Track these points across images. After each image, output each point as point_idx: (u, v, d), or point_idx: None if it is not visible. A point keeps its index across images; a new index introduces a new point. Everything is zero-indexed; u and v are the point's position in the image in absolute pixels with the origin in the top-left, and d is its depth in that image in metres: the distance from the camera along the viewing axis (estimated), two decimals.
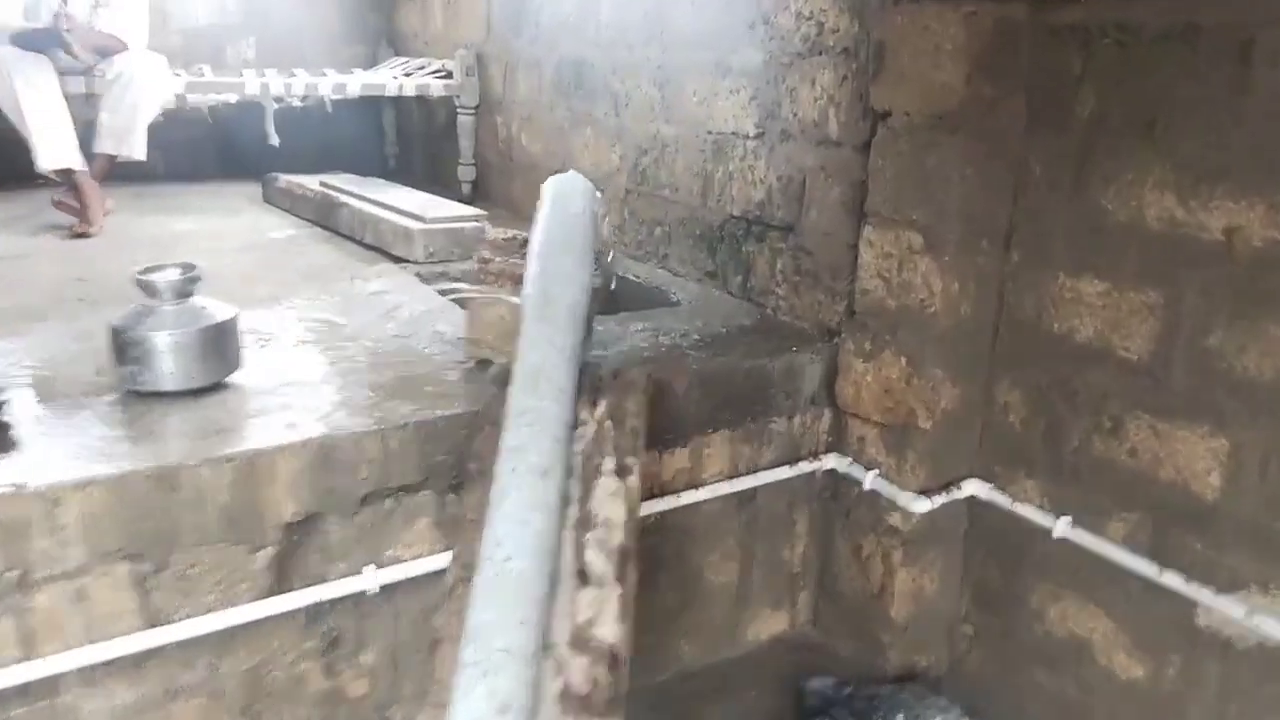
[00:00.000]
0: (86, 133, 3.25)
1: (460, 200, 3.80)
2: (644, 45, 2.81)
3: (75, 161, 3.14)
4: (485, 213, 3.10)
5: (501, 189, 3.86)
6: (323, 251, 3.03)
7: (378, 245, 3.00)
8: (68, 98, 3.17)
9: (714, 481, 2.11)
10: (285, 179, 3.74)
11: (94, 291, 2.42)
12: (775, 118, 2.34)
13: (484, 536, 1.38)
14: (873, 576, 2.18)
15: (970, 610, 2.18)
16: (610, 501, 1.58)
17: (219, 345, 1.78)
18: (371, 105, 4.68)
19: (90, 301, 2.33)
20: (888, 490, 2.10)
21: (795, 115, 2.28)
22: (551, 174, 1.96)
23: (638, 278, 2.74)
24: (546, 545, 1.40)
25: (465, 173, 4.00)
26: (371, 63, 4.71)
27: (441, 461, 1.75)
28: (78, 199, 3.17)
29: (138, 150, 3.30)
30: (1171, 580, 1.75)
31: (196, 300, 1.77)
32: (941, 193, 1.91)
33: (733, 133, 2.49)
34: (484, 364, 1.98)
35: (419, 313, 2.36)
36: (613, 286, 2.38)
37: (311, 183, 3.61)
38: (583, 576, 1.47)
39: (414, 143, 4.75)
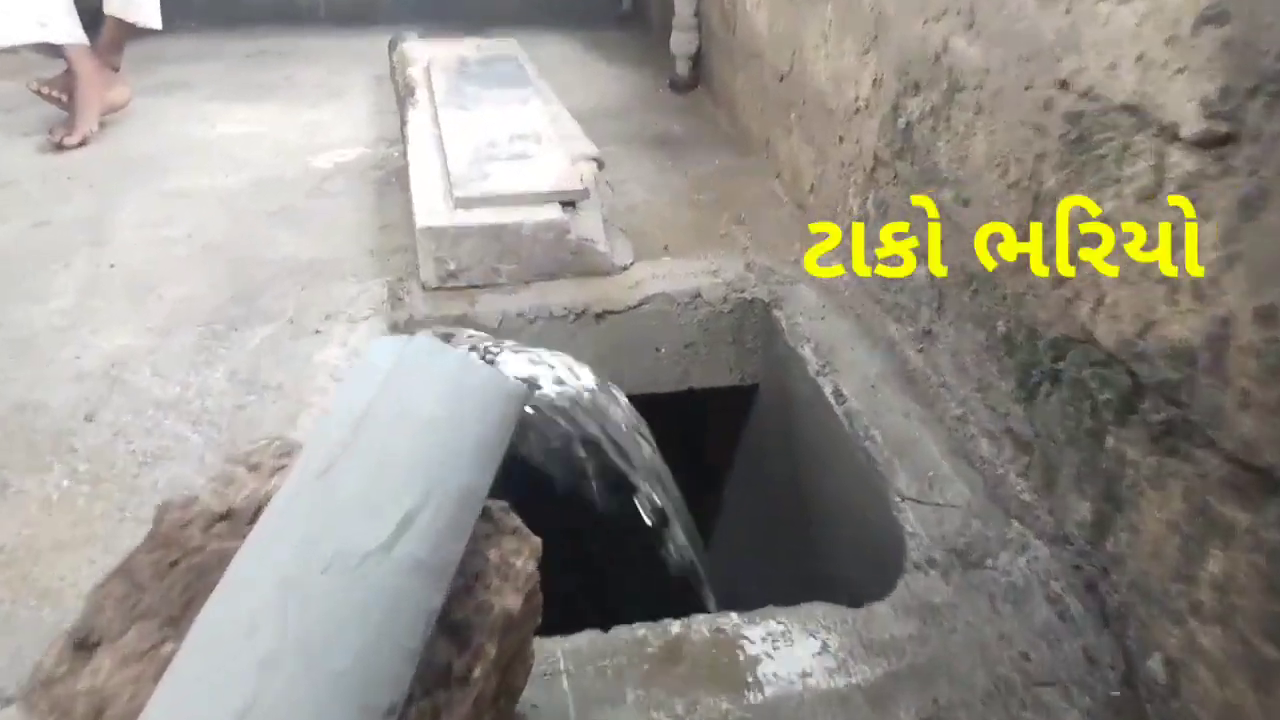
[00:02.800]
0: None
1: (676, 86, 2.37)
2: None
3: (53, 32, 2.05)
4: (597, 161, 1.59)
5: (723, 79, 2.29)
6: (345, 215, 1.72)
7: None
8: None
9: None
10: (403, 48, 2.44)
11: None
12: (1276, 90, 0.64)
13: None
14: None
15: None
16: None
17: None
18: None
19: None
20: None
21: None
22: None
23: (842, 398, 1.17)
24: None
25: (681, 43, 2.44)
26: None
27: None
28: (66, 88, 2.11)
29: (147, 14, 2.15)
30: None
31: None
32: None
33: (1126, 105, 0.81)
34: None
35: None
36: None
37: (422, 59, 2.28)
38: None
39: None
